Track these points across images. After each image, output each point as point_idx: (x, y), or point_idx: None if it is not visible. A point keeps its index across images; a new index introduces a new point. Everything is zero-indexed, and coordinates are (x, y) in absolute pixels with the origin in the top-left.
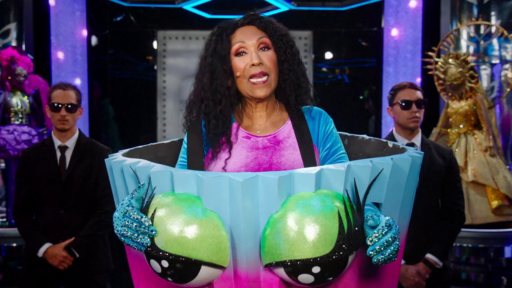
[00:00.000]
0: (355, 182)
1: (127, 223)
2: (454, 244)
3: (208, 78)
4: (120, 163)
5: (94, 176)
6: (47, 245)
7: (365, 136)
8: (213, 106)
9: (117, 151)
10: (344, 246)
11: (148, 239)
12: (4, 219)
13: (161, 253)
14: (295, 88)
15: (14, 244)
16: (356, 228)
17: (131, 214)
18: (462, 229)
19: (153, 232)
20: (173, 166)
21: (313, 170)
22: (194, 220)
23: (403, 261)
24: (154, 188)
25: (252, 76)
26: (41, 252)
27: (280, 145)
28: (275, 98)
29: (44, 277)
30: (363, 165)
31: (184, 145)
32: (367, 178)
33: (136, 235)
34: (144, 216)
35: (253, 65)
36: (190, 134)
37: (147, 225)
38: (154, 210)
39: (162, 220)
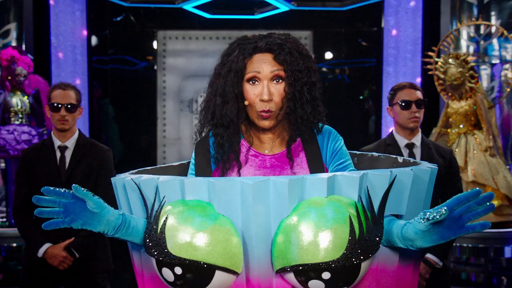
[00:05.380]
0: (368, 191)
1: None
2: (454, 244)
3: (220, 101)
4: (122, 179)
5: (94, 176)
6: (47, 245)
7: (374, 153)
8: (221, 129)
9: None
10: (354, 252)
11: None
12: (4, 219)
13: (173, 259)
14: (302, 121)
15: (14, 244)
16: (369, 236)
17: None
18: None
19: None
20: None
21: (325, 175)
22: (207, 225)
23: None
24: (163, 198)
25: (260, 111)
26: (41, 252)
27: (288, 164)
28: (283, 121)
29: (44, 277)
30: (380, 173)
31: (192, 161)
32: (385, 186)
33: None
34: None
35: (262, 100)
36: (197, 151)
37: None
38: (166, 218)
39: (174, 227)
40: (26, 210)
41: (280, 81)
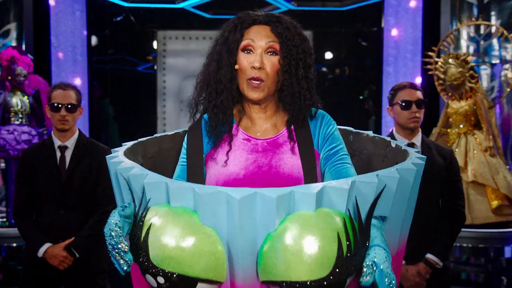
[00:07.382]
0: (356, 202)
1: (110, 244)
2: (454, 244)
3: (215, 67)
4: (115, 165)
5: (94, 176)
6: (47, 245)
7: (370, 133)
8: (215, 95)
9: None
10: (341, 270)
11: (126, 266)
12: (4, 219)
13: (156, 270)
14: (294, 101)
15: (14, 244)
16: (356, 251)
17: (114, 237)
18: (462, 229)
19: (129, 262)
20: (178, 158)
21: (314, 188)
22: (191, 236)
23: (403, 261)
24: (149, 200)
25: (250, 78)
26: (41, 252)
27: (280, 149)
28: (276, 100)
29: (44, 277)
30: (368, 180)
31: (184, 145)
32: (373, 194)
33: (117, 257)
34: (122, 243)
35: (253, 67)
36: (190, 133)
37: (123, 252)
38: (149, 227)
39: (158, 236)
40: (26, 210)
41: (275, 54)
